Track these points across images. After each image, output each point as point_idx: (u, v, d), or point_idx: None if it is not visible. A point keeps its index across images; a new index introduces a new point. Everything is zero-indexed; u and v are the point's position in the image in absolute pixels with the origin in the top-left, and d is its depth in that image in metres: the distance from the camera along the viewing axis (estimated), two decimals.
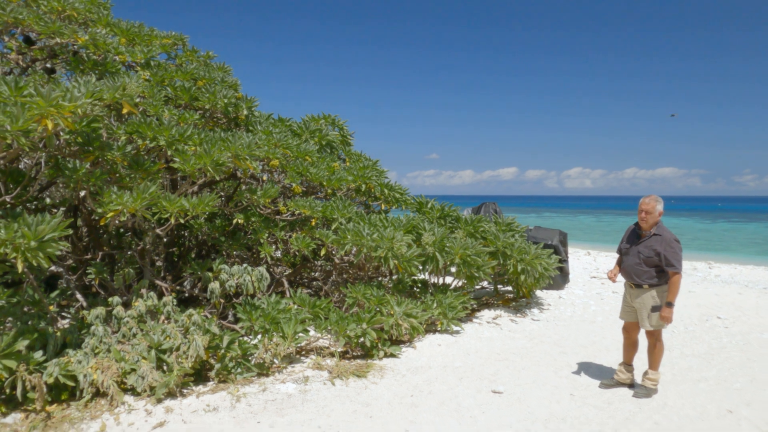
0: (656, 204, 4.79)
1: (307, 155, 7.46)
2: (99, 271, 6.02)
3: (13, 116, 4.18)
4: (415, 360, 5.88)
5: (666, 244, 4.69)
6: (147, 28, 7.46)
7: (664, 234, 4.75)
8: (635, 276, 4.87)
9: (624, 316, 5.15)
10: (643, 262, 4.79)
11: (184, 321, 5.17)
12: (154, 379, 4.62)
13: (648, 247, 4.77)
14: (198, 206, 5.33)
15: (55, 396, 4.48)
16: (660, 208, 4.81)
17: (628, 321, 5.12)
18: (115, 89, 4.98)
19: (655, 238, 4.76)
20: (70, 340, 4.86)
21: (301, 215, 7.15)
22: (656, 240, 4.75)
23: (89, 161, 5.41)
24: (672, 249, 4.67)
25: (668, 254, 4.65)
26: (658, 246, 4.71)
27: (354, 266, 7.89)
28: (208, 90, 6.84)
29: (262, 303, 6.04)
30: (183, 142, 5.80)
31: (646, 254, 4.76)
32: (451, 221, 8.56)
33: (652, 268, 4.76)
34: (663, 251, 4.67)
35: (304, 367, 5.57)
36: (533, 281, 8.11)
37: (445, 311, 6.87)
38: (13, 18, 5.56)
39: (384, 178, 8.64)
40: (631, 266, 4.91)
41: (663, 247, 4.68)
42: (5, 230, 4.05)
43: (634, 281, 4.90)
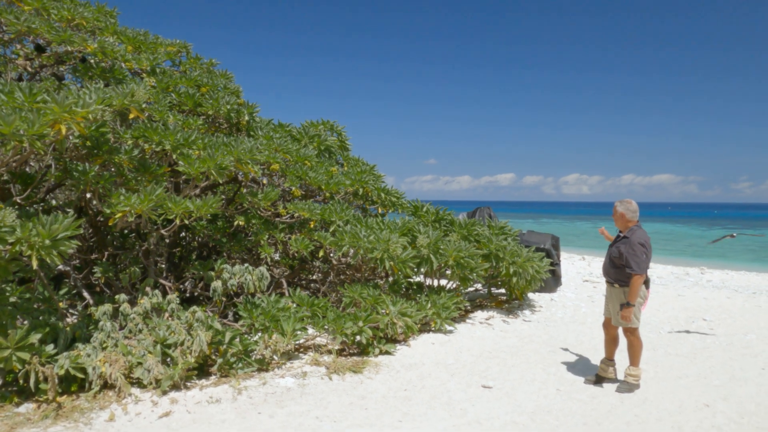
0: (618, 206, 5.12)
1: (306, 160, 7.71)
2: (105, 270, 6.25)
3: (29, 121, 4.42)
4: (409, 357, 6.11)
5: (629, 246, 4.95)
6: (152, 36, 7.73)
7: (631, 237, 5.00)
8: (606, 274, 5.25)
9: (605, 312, 5.42)
10: (612, 260, 5.12)
11: (188, 318, 5.40)
12: (160, 372, 4.85)
13: (616, 248, 5.10)
14: (202, 208, 5.57)
15: (65, 387, 4.70)
16: (622, 210, 5.09)
17: (607, 317, 5.39)
18: (124, 96, 5.23)
19: (624, 240, 5.07)
20: (79, 335, 5.09)
21: (300, 218, 7.39)
22: (623, 241, 5.06)
23: (97, 164, 5.66)
24: (633, 251, 4.90)
25: (629, 255, 4.93)
26: (622, 247, 5.02)
27: (351, 267, 8.13)
28: (211, 96, 7.09)
29: (262, 302, 6.27)
30: (187, 147, 6.05)
31: (613, 254, 5.11)
32: (446, 225, 8.80)
33: (618, 268, 5.07)
34: (625, 252, 4.96)
35: (302, 363, 5.79)
36: (525, 283, 8.35)
37: (439, 311, 7.11)
38: (27, 27, 5.81)
39: (381, 182, 8.88)
40: (604, 265, 5.30)
41: (626, 248, 4.97)
42: (21, 229, 4.28)
43: (607, 279, 5.25)
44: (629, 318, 4.98)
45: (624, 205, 5.10)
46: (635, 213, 5.08)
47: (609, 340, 5.44)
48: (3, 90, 5.03)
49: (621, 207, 5.11)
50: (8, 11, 5.95)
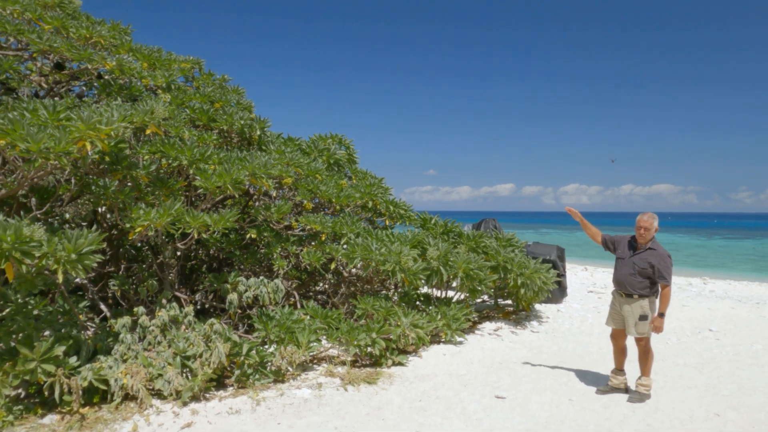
0: (653, 221, 5.23)
1: (317, 173, 7.84)
2: (122, 283, 6.36)
3: (56, 139, 4.54)
4: (421, 368, 6.20)
5: (660, 258, 5.10)
6: (165, 53, 7.88)
7: (658, 249, 5.17)
8: (628, 286, 5.25)
9: (611, 323, 5.50)
10: (638, 273, 5.18)
11: (206, 330, 5.50)
12: (180, 383, 4.94)
13: (643, 260, 5.17)
14: (219, 222, 5.68)
15: (87, 399, 4.78)
16: (656, 225, 5.25)
17: (616, 328, 5.47)
18: (144, 113, 5.36)
19: (651, 251, 5.17)
20: (100, 347, 5.19)
21: (312, 230, 7.51)
22: (651, 254, 5.15)
23: (116, 179, 5.78)
24: (665, 263, 5.09)
25: (661, 268, 5.06)
26: (652, 259, 5.12)
27: (361, 279, 8.23)
28: (225, 112, 7.24)
29: (276, 314, 6.36)
30: (203, 162, 6.18)
31: (641, 266, 5.16)
32: (454, 237, 8.92)
33: (645, 279, 5.15)
34: (657, 264, 5.08)
35: (317, 374, 5.88)
36: (532, 295, 8.46)
37: (449, 322, 7.21)
38: (48, 46, 5.96)
39: (389, 195, 9.00)
40: (624, 276, 5.29)
41: (657, 260, 5.09)
42: (48, 244, 4.39)
43: (626, 290, 5.28)
44: (662, 328, 5.11)
45: (657, 220, 5.26)
46: None
47: (618, 351, 5.53)
48: (27, 108, 5.17)
49: (656, 222, 5.24)
50: (30, 30, 6.10)
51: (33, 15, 6.44)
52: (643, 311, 5.18)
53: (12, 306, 4.90)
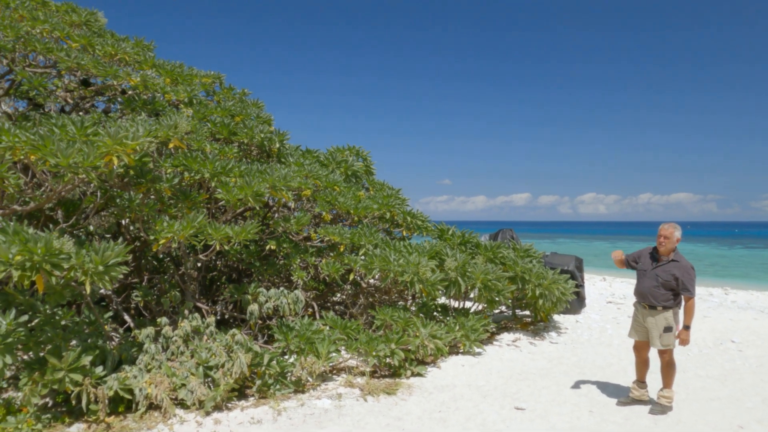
0: (674, 231, 5.19)
1: (335, 185, 7.93)
2: (145, 294, 6.47)
3: (85, 153, 4.68)
4: (440, 379, 6.21)
5: (684, 270, 5.07)
6: (187, 68, 8.06)
7: (681, 261, 5.15)
8: (651, 298, 5.21)
9: (634, 335, 5.46)
10: (661, 285, 5.15)
11: (228, 340, 5.58)
12: (203, 393, 5.02)
13: (666, 272, 5.14)
14: (241, 234, 5.78)
15: (113, 408, 4.88)
16: (678, 235, 5.21)
17: (639, 340, 5.44)
18: (168, 127, 5.49)
19: (674, 263, 5.15)
20: (125, 357, 5.29)
21: (330, 241, 7.58)
22: (674, 265, 5.13)
23: (141, 192, 5.91)
24: (689, 275, 5.06)
25: (685, 280, 5.04)
26: (676, 271, 5.09)
27: (380, 290, 8.28)
28: (245, 125, 7.37)
29: (295, 324, 6.43)
30: (225, 175, 6.29)
31: (664, 278, 5.13)
32: (471, 247, 8.93)
33: (668, 291, 5.12)
34: (681, 276, 5.05)
35: (336, 384, 5.92)
36: (551, 305, 8.43)
37: (468, 333, 7.21)
38: (76, 63, 6.14)
39: (406, 205, 9.06)
40: (647, 288, 5.25)
41: (681, 272, 5.06)
42: (76, 256, 4.50)
43: (649, 302, 5.24)
44: (689, 340, 5.09)
45: (680, 230, 5.22)
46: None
47: (641, 363, 5.50)
48: (56, 123, 5.33)
49: (678, 232, 5.21)
50: (59, 48, 6.29)
51: (61, 33, 6.64)
52: (668, 323, 5.15)
53: (41, 317, 5.02)
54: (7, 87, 7.18)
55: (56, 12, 7.34)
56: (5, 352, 4.35)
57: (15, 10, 6.78)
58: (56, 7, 7.49)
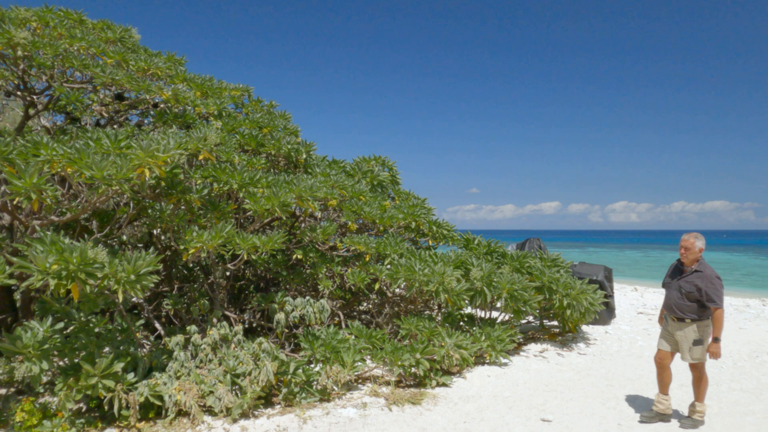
0: (695, 241, 5.07)
1: (361, 195, 8.00)
2: (175, 302, 6.62)
3: (118, 166, 4.84)
4: (465, 389, 6.19)
5: (707, 280, 4.95)
6: (217, 81, 8.25)
7: (705, 270, 5.02)
8: (678, 310, 5.11)
9: (663, 345, 5.34)
10: (685, 296, 5.04)
11: (254, 348, 5.67)
12: (230, 401, 5.11)
13: (689, 283, 5.03)
14: (267, 243, 5.88)
15: (143, 414, 5.00)
16: (700, 245, 5.08)
17: (664, 350, 5.31)
18: (199, 140, 5.64)
19: (697, 274, 5.03)
20: (155, 364, 5.42)
21: (356, 251, 7.64)
22: (697, 276, 5.01)
23: (171, 203, 6.07)
24: (713, 285, 4.92)
25: (709, 290, 4.91)
26: (699, 282, 4.97)
27: (405, 299, 8.30)
28: (273, 137, 7.51)
29: (321, 333, 6.49)
30: (253, 186, 6.42)
31: (688, 289, 5.02)
32: (498, 257, 8.89)
33: (693, 302, 5.01)
34: (704, 287, 4.93)
35: (361, 394, 5.95)
36: (579, 316, 8.32)
37: (494, 344, 7.17)
38: (110, 79, 6.36)
39: (432, 215, 9.08)
40: (673, 300, 5.16)
41: (704, 283, 4.94)
42: (109, 265, 4.65)
43: (676, 315, 5.14)
44: (719, 353, 4.94)
45: (702, 240, 5.10)
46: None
47: (662, 374, 5.38)
48: (92, 137, 5.52)
49: (699, 242, 5.09)
50: (95, 65, 6.52)
51: (97, 50, 6.88)
52: (697, 336, 5.03)
53: (76, 324, 5.19)
54: (46, 102, 7.45)
55: (92, 29, 7.61)
56: (42, 358, 4.52)
57: (54, 29, 7.05)
58: (92, 24, 7.76)
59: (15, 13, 6.96)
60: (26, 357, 4.49)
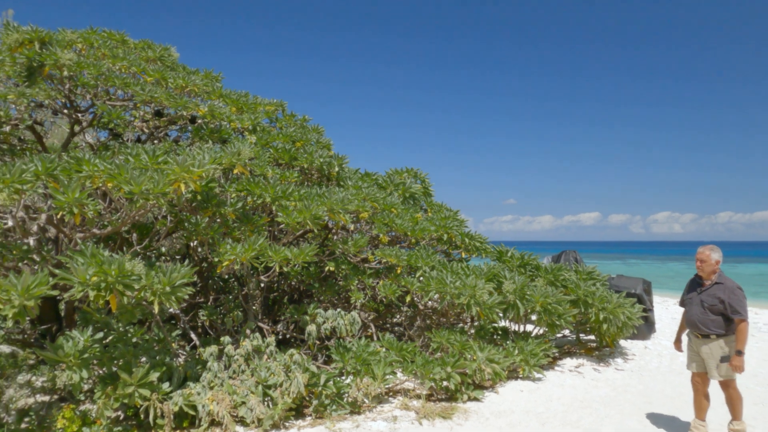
0: (711, 253, 4.94)
1: (392, 207, 8.03)
2: (210, 313, 6.77)
3: (155, 181, 5.00)
4: (497, 404, 6.10)
5: (729, 291, 4.80)
6: (252, 97, 8.45)
7: (726, 282, 4.87)
8: (702, 326, 4.93)
9: (692, 367, 5.15)
10: (708, 310, 4.87)
11: (286, 360, 5.74)
12: (261, 411, 5.17)
13: (711, 296, 4.87)
14: (299, 256, 5.96)
15: (177, 423, 5.11)
16: (716, 257, 4.94)
17: (697, 372, 5.12)
18: (232, 155, 5.78)
19: (718, 286, 4.88)
20: (190, 374, 5.53)
21: (387, 263, 7.67)
22: (719, 288, 4.86)
23: (207, 216, 6.23)
24: (735, 296, 4.76)
25: (732, 301, 4.74)
26: (721, 294, 4.82)
27: (437, 312, 8.26)
28: (305, 150, 7.64)
29: (352, 345, 6.52)
30: (285, 199, 6.53)
31: (710, 302, 4.86)
32: (531, 270, 8.77)
33: (717, 316, 4.84)
34: (727, 299, 4.77)
35: (392, 407, 5.94)
36: (616, 330, 8.12)
37: (527, 358, 7.06)
38: (150, 96, 6.60)
39: (464, 227, 9.04)
40: (695, 316, 4.98)
41: (726, 294, 4.79)
42: (146, 277, 4.79)
43: (700, 331, 4.95)
44: (743, 367, 4.73)
45: (718, 252, 4.97)
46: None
47: (700, 398, 5.17)
48: (131, 153, 5.72)
49: (716, 254, 4.95)
50: (135, 83, 6.78)
51: (137, 69, 7.15)
52: (724, 352, 4.84)
53: (114, 334, 5.36)
54: (90, 119, 7.78)
55: (134, 49, 7.91)
56: (82, 367, 4.68)
57: (98, 49, 7.36)
58: (134, 44, 8.08)
59: (62, 35, 7.30)
60: (68, 365, 4.66)
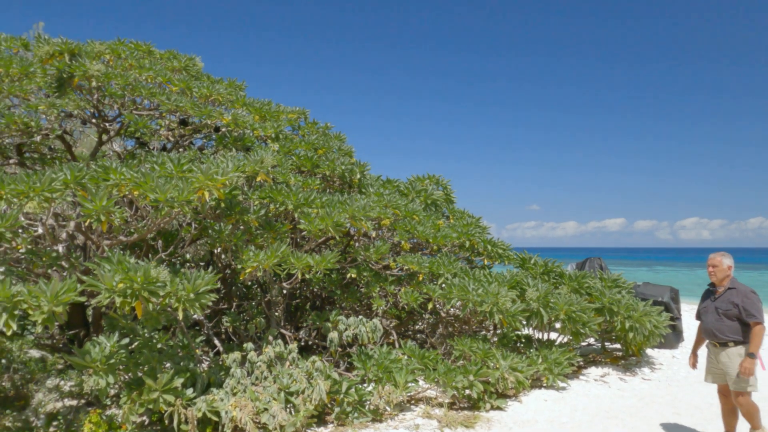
0: (723, 258, 4.90)
1: (414, 214, 8.02)
2: (233, 319, 6.83)
3: (180, 189, 5.08)
4: (521, 414, 6.03)
5: (743, 295, 4.73)
6: (275, 105, 8.54)
7: (739, 287, 4.82)
8: (718, 333, 4.82)
9: (714, 380, 5.02)
10: (723, 316, 4.78)
11: (308, 367, 5.76)
12: (284, 418, 5.19)
13: (725, 301, 4.80)
14: (321, 263, 5.99)
15: (201, 429, 5.15)
16: (728, 262, 4.90)
17: (722, 383, 4.98)
18: (255, 162, 5.85)
19: (731, 291, 4.82)
20: (213, 380, 5.58)
21: (409, 270, 7.65)
22: (732, 293, 4.80)
23: (230, 223, 6.30)
24: (749, 300, 4.69)
25: (746, 305, 4.67)
26: (735, 298, 4.75)
27: (459, 320, 8.21)
28: (327, 158, 7.69)
29: (374, 353, 6.51)
30: (307, 206, 6.57)
31: (725, 308, 4.78)
32: (555, 277, 8.67)
33: (733, 321, 4.74)
34: (741, 302, 4.70)
35: (414, 415, 5.91)
36: (643, 339, 7.97)
37: (551, 367, 6.97)
38: (175, 106, 6.72)
39: (486, 234, 8.97)
40: (711, 323, 4.88)
41: (740, 298, 4.72)
42: (170, 284, 4.86)
43: (717, 339, 4.84)
44: (752, 371, 4.59)
45: (730, 258, 4.94)
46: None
47: (728, 410, 5.04)
48: (156, 161, 5.83)
49: (728, 260, 4.92)
50: (161, 93, 6.91)
51: (163, 79, 7.29)
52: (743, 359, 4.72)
53: (140, 340, 5.44)
54: (117, 128, 7.94)
55: (160, 59, 8.07)
56: (108, 372, 4.76)
57: (125, 60, 7.53)
58: (160, 54, 8.23)
59: (91, 46, 7.48)
60: (95, 371, 4.74)
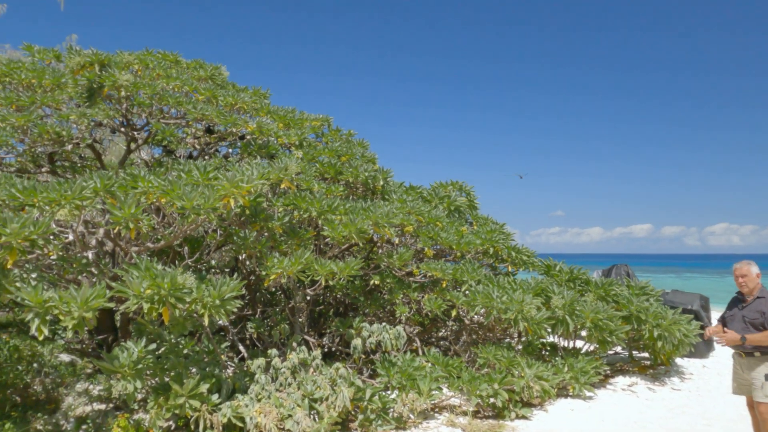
0: (750, 267, 4.80)
1: (437, 221, 8.00)
2: (258, 326, 6.88)
3: (206, 196, 5.15)
4: (546, 423, 5.95)
5: None
6: (299, 113, 8.62)
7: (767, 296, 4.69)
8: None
9: (740, 390, 4.90)
10: (750, 325, 4.68)
11: (332, 373, 5.76)
12: (308, 425, 5.20)
13: (753, 310, 4.69)
14: (345, 270, 6.00)
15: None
16: (756, 270, 4.80)
17: (749, 395, 4.86)
18: (280, 170, 5.90)
19: (759, 300, 4.70)
20: (238, 386, 5.62)
21: (433, 277, 7.63)
22: (760, 302, 4.69)
23: (255, 230, 6.36)
24: None
25: None
26: (763, 307, 4.64)
27: (483, 327, 8.14)
28: (351, 165, 7.73)
29: (398, 360, 6.49)
30: (331, 213, 6.61)
31: (751, 317, 4.68)
32: (581, 284, 8.55)
33: (760, 330, 4.63)
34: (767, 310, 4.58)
35: (438, 423, 5.87)
36: (672, 348, 7.80)
37: (577, 376, 6.86)
38: (201, 114, 6.83)
39: (511, 240, 8.90)
40: (737, 333, 4.77)
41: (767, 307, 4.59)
42: (196, 290, 4.92)
43: (744, 349, 4.73)
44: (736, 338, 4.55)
45: (756, 266, 4.84)
46: None
47: (758, 423, 4.90)
48: (183, 169, 5.92)
49: (755, 268, 4.82)
50: (187, 101, 7.03)
51: (190, 88, 7.42)
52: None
53: (166, 345, 5.51)
54: (145, 137, 8.10)
55: (186, 68, 8.22)
56: (136, 377, 4.82)
57: (153, 70, 7.68)
58: (187, 64, 8.39)
59: (120, 57, 7.65)
60: (123, 375, 4.82)
